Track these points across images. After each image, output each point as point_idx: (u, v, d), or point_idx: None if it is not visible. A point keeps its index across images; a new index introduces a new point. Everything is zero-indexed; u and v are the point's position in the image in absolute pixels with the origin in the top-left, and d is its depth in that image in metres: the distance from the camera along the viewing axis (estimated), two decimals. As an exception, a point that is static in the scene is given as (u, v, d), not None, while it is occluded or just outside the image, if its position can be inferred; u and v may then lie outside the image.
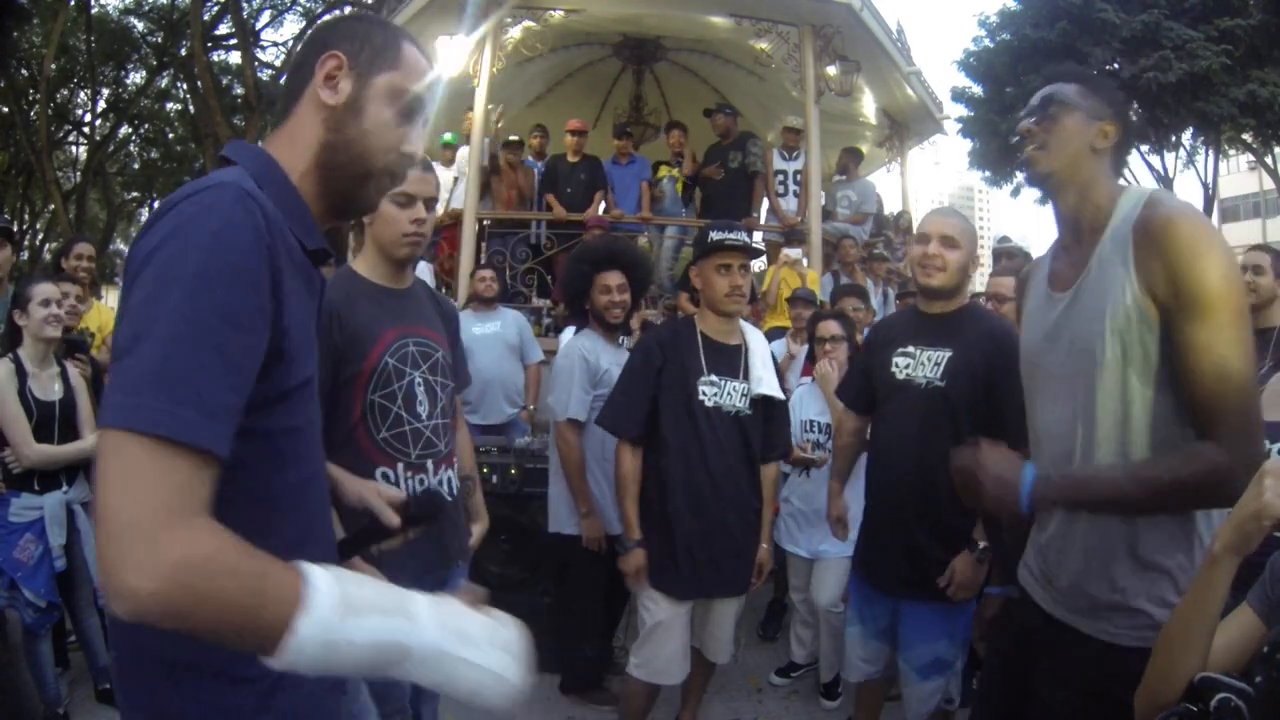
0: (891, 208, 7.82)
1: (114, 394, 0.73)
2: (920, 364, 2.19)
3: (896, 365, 2.24)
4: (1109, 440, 1.29)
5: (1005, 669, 1.53)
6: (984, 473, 1.30)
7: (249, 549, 0.72)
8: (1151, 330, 1.23)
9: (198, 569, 0.68)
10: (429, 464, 1.85)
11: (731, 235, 2.34)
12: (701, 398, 2.35)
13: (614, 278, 2.97)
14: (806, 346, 3.57)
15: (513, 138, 6.39)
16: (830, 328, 3.22)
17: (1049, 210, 1.49)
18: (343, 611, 0.72)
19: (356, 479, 1.44)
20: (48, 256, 17.89)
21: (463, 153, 6.45)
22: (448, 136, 6.71)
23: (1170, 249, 1.23)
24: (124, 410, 0.72)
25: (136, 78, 18.94)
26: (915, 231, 2.28)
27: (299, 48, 1.05)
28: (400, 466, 1.81)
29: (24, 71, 16.63)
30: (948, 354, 2.15)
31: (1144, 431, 1.27)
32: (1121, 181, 1.42)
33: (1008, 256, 4.14)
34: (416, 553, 1.81)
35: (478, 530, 2.12)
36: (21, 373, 2.64)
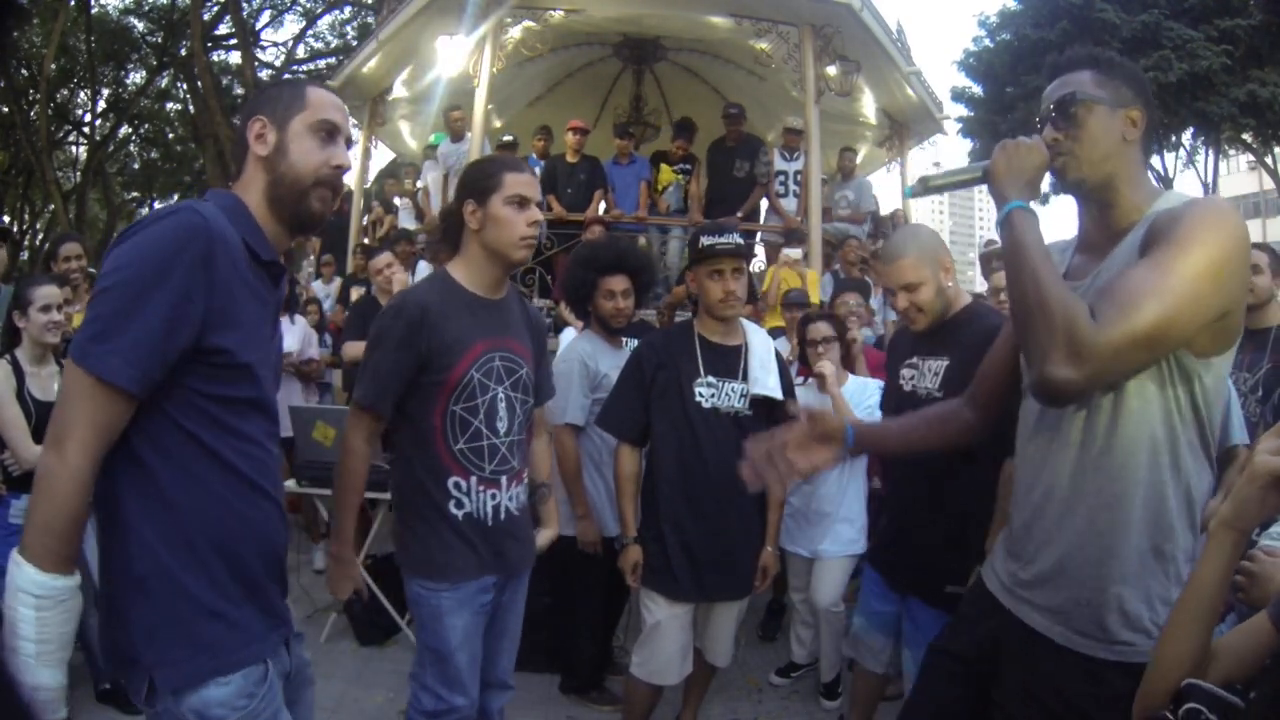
0: (891, 207, 7.82)
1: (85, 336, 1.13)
2: (923, 375, 2.18)
3: (904, 377, 2.24)
4: (1101, 433, 1.23)
5: (960, 675, 1.46)
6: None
7: None
8: None
9: None
10: (503, 480, 1.87)
11: (722, 240, 2.29)
12: (698, 399, 2.34)
13: (619, 282, 2.94)
14: (798, 348, 3.56)
15: (507, 138, 6.37)
16: (821, 329, 3.20)
17: (1045, 210, 1.44)
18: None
19: None
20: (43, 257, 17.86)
21: (445, 150, 6.44)
22: (433, 138, 6.71)
23: (1166, 224, 1.16)
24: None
25: (136, 78, 18.97)
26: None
27: (240, 124, 1.36)
28: (474, 479, 1.83)
29: (24, 71, 16.62)
30: (945, 363, 2.13)
31: (1138, 425, 1.21)
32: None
33: (998, 259, 4.12)
34: (486, 564, 1.84)
35: (546, 535, 2.15)
36: (19, 373, 2.62)
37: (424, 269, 5.48)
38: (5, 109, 16.12)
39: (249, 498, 1.24)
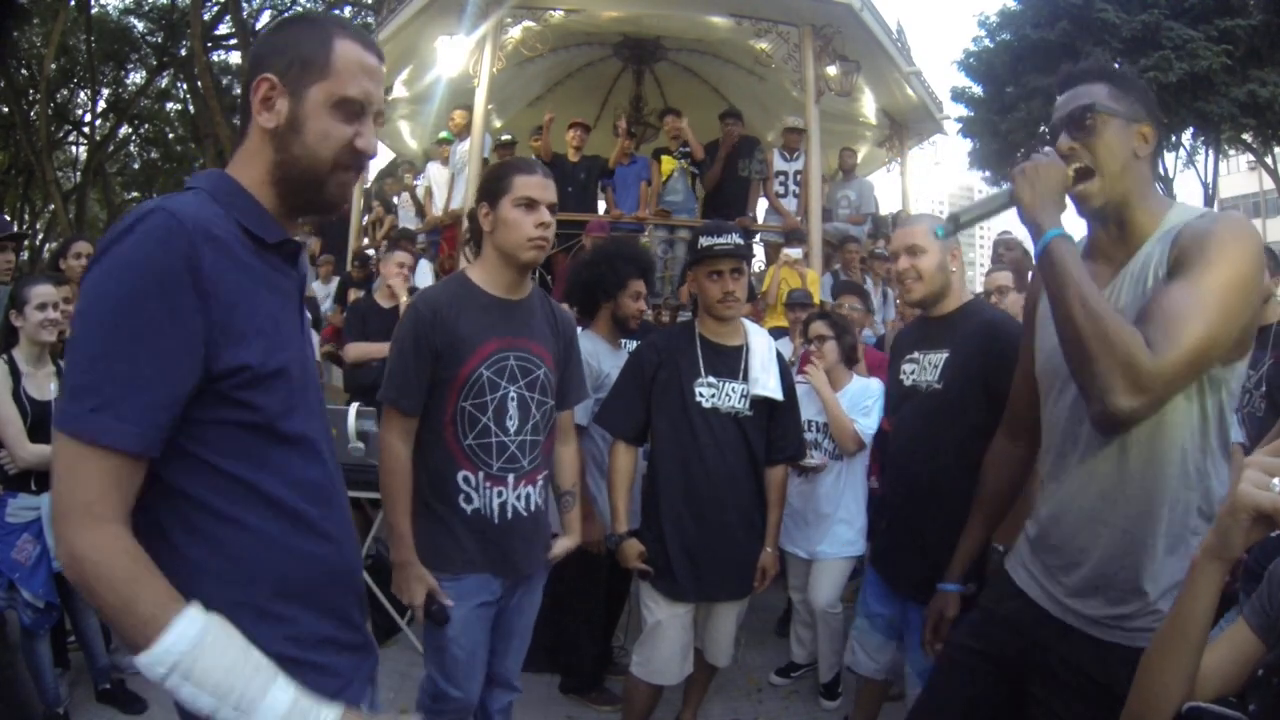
0: (891, 208, 7.83)
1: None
2: (923, 368, 2.19)
3: (904, 372, 2.25)
4: (1138, 448, 1.24)
5: (983, 673, 1.48)
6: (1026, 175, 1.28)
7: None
8: None
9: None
10: (509, 478, 1.90)
11: (721, 240, 2.29)
12: (698, 399, 2.33)
13: (642, 284, 2.97)
14: (802, 348, 3.56)
15: (506, 138, 6.36)
16: (817, 327, 3.22)
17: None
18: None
19: None
20: (48, 257, 17.88)
21: (457, 149, 6.43)
22: (443, 135, 6.69)
23: (1194, 243, 1.17)
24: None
25: (136, 78, 19.01)
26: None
27: (247, 65, 1.09)
28: (480, 475, 1.87)
29: (24, 71, 16.64)
30: (945, 356, 2.14)
31: (1173, 438, 1.22)
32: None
33: (1006, 248, 4.12)
34: (491, 562, 1.90)
35: (563, 543, 2.13)
36: (16, 373, 2.62)
37: (425, 268, 5.47)
38: (5, 109, 16.14)
39: (306, 532, 1.05)
